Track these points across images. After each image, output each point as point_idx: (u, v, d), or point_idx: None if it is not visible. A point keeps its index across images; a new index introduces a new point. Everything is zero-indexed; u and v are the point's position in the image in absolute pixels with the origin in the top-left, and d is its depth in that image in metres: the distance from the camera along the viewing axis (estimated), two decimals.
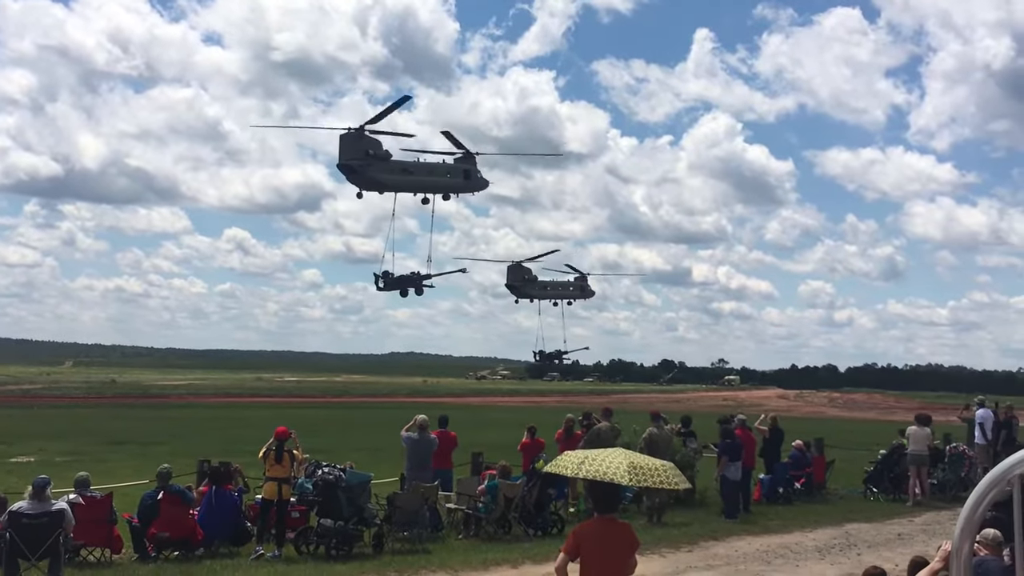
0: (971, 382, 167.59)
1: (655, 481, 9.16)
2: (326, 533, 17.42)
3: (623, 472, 8.79)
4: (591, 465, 8.91)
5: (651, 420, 23.81)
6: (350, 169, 47.74)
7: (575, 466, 9.10)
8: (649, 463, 9.28)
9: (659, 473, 9.21)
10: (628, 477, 8.83)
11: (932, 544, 16.99)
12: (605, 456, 9.18)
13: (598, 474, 8.79)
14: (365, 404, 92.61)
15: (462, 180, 51.46)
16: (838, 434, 40.36)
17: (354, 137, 47.46)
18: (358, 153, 47.50)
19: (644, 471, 9.04)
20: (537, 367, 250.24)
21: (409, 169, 49.43)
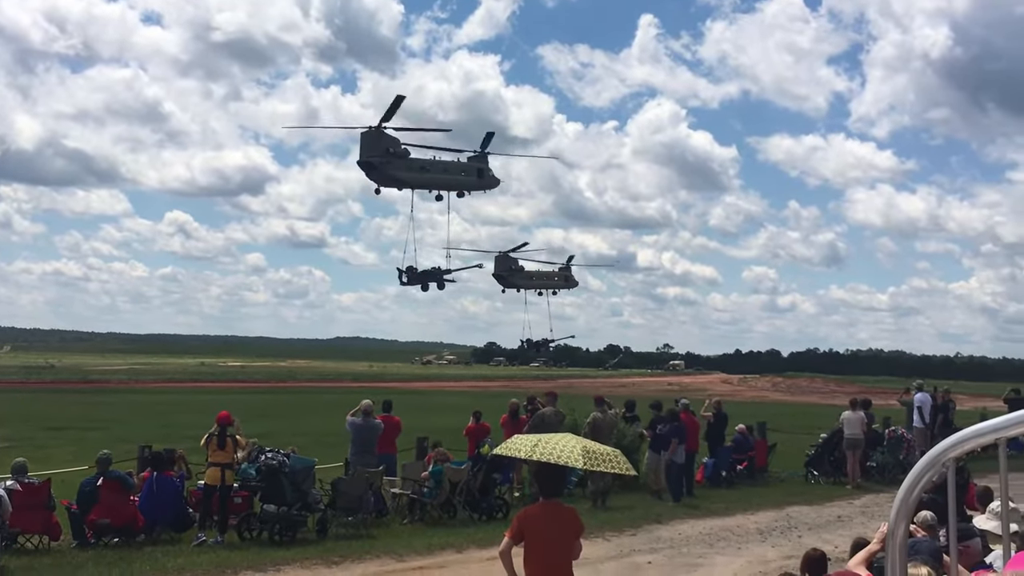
0: (910, 366, 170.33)
1: (608, 466, 9.21)
2: (269, 519, 17.31)
3: (577, 455, 8.83)
4: (544, 448, 8.94)
5: (595, 405, 23.91)
6: (370, 166, 49.28)
7: (528, 448, 9.11)
8: (600, 448, 9.35)
9: (611, 458, 9.27)
10: (583, 461, 8.87)
11: (871, 526, 17.29)
12: (558, 440, 9.22)
13: (551, 457, 8.82)
14: (310, 389, 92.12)
15: (476, 178, 53.31)
16: (780, 418, 40.85)
17: (375, 135, 48.86)
18: (378, 151, 48.97)
19: (597, 456, 9.10)
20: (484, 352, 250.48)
21: (426, 167, 51.13)
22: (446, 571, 15.46)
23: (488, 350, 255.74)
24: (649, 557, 16.71)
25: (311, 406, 59.43)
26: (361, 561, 15.96)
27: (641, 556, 16.82)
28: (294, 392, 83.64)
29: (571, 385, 77.92)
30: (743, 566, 16.11)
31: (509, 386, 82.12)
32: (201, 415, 31.06)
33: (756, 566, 16.02)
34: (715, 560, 16.64)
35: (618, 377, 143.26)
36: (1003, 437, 3.25)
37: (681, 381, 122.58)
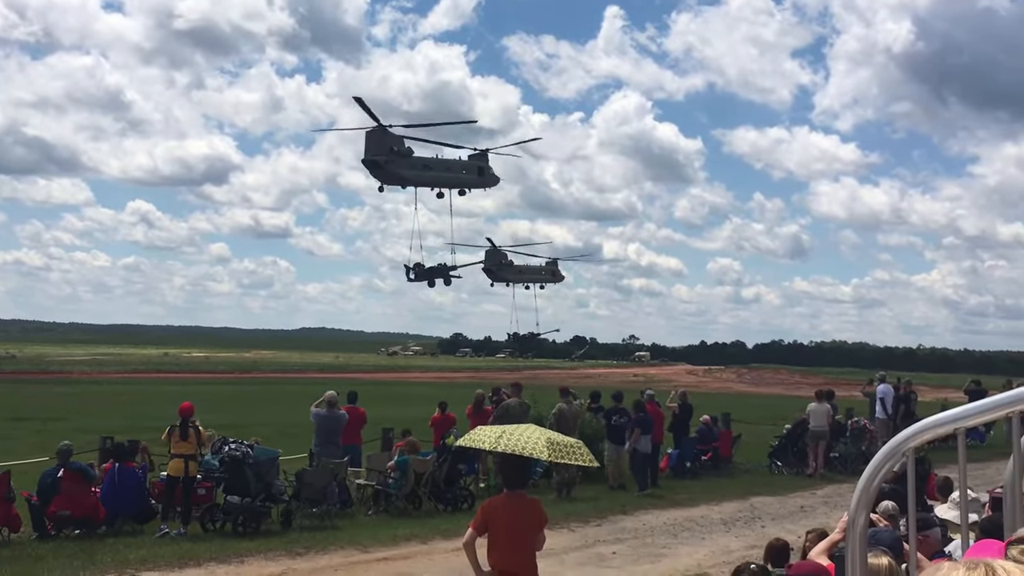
0: (873, 358, 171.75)
1: (572, 457, 9.23)
2: (233, 510, 17.22)
3: (542, 447, 8.84)
4: (509, 439, 8.94)
5: (560, 396, 23.96)
6: (375, 165, 50.19)
7: (493, 440, 9.12)
8: (565, 439, 9.37)
9: (574, 450, 9.28)
10: (547, 452, 8.88)
11: (833, 516, 17.40)
12: (523, 431, 9.22)
13: (516, 448, 8.82)
14: (275, 380, 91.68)
15: (476, 176, 54.43)
16: (745, 409, 41.06)
17: (379, 134, 49.92)
18: (383, 150, 49.98)
19: (561, 447, 9.11)
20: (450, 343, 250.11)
21: (429, 165, 52.30)
22: (411, 562, 15.44)
23: (454, 341, 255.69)
24: (614, 547, 16.78)
25: (275, 397, 59.13)
26: (325, 552, 15.91)
27: (606, 546, 16.87)
28: (258, 383, 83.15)
29: (536, 376, 77.93)
30: (707, 556, 16.20)
31: (475, 377, 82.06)
32: (164, 406, 30.82)
33: (720, 556, 16.11)
34: (679, 550, 16.73)
35: (584, 368, 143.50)
36: (962, 427, 3.28)
37: (647, 372, 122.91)
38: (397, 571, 14.83)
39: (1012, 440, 3.37)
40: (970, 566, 1.71)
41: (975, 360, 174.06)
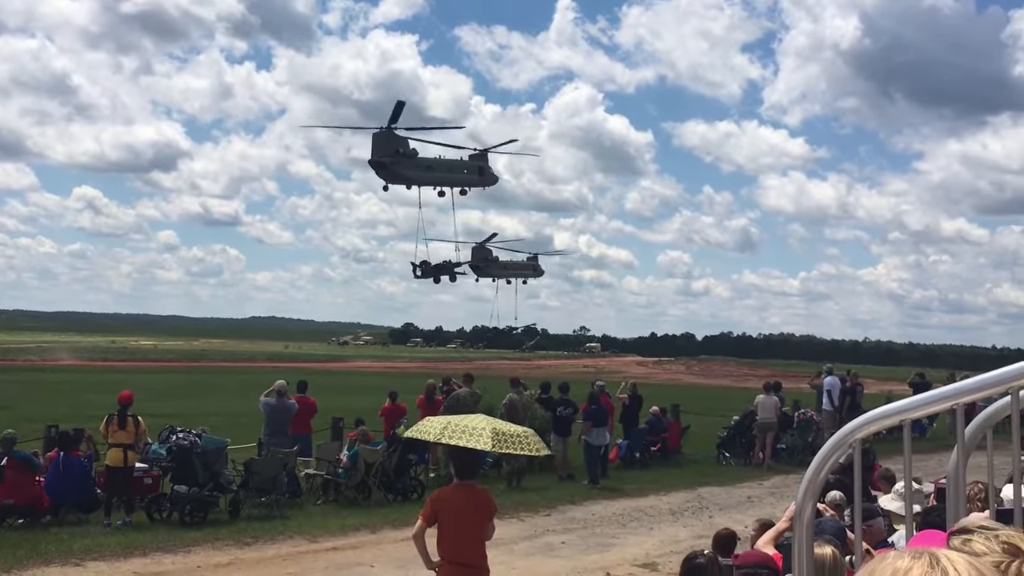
0: (820, 351, 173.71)
1: (517, 448, 9.24)
2: (180, 500, 17.06)
3: (486, 438, 8.84)
4: (454, 431, 8.93)
5: (511, 386, 24.01)
6: (381, 165, 52.96)
7: (438, 432, 9.11)
8: (511, 429, 9.36)
9: (521, 440, 9.29)
10: (491, 443, 8.88)
11: (780, 506, 17.59)
12: (468, 422, 9.21)
13: (460, 440, 8.82)
14: (224, 369, 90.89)
15: (477, 176, 57.19)
16: (694, 401, 41.38)
17: (385, 136, 52.68)
18: (389, 151, 52.77)
19: (507, 437, 9.11)
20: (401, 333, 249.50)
21: (432, 166, 55.22)
22: (360, 552, 15.41)
23: (405, 331, 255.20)
24: (563, 537, 16.85)
25: (224, 386, 58.65)
26: (274, 542, 15.83)
27: (555, 536, 16.95)
28: (207, 372, 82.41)
29: (488, 367, 77.94)
30: (655, 546, 16.33)
31: (426, 367, 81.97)
32: (110, 394, 30.36)
33: (668, 546, 16.24)
34: (627, 540, 16.84)
35: (535, 359, 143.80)
36: (907, 419, 3.33)
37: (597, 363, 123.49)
38: (346, 561, 14.80)
39: (956, 432, 3.42)
40: (915, 555, 1.74)
41: (919, 353, 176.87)
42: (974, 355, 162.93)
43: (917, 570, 1.68)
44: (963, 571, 1.68)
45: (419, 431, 9.59)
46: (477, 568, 8.79)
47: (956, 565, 1.69)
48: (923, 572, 1.66)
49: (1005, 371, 3.13)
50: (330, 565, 14.52)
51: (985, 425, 3.64)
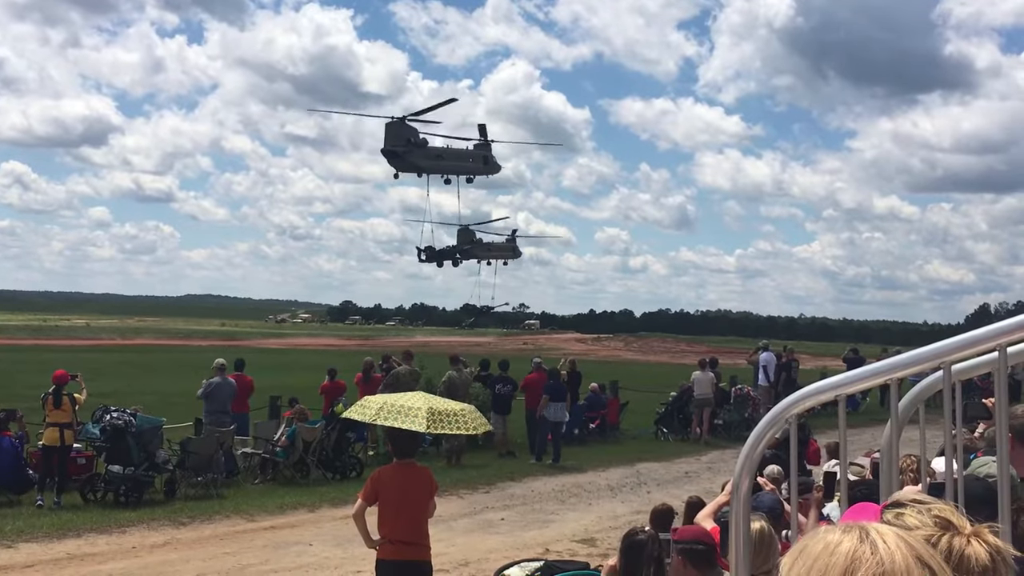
0: (756, 327, 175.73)
1: (453, 427, 9.21)
2: (114, 480, 16.84)
3: (421, 420, 8.80)
4: (389, 412, 8.88)
5: (451, 363, 23.98)
6: (394, 154, 56.46)
7: (374, 412, 9.05)
8: (448, 407, 9.31)
9: (457, 419, 9.26)
10: (426, 425, 8.84)
11: (717, 481, 17.78)
12: (404, 401, 9.15)
13: (395, 422, 8.78)
14: (159, 347, 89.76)
15: (482, 164, 61.30)
16: (632, 377, 41.66)
17: (398, 126, 56.10)
18: (401, 140, 56.20)
19: (443, 417, 9.07)
20: (339, 311, 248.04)
21: (442, 155, 59.23)
22: (299, 531, 15.33)
23: (344, 309, 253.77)
24: (502, 514, 16.90)
25: (159, 365, 57.95)
26: (211, 522, 15.70)
27: (494, 513, 17.00)
28: (141, 351, 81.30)
29: (427, 344, 77.76)
30: (594, 521, 16.43)
31: (365, 345, 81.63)
32: (42, 374, 29.88)
33: (607, 521, 16.36)
34: (567, 516, 16.93)
35: (474, 336, 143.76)
36: (842, 394, 3.36)
37: (536, 340, 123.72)
38: (284, 539, 14.71)
39: (891, 406, 3.46)
40: (845, 529, 1.76)
41: (853, 329, 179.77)
42: (906, 331, 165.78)
43: (847, 543, 1.69)
44: (892, 544, 1.69)
45: (357, 411, 9.53)
46: (418, 546, 8.77)
47: (885, 538, 1.71)
48: (852, 545, 1.68)
49: (937, 346, 3.16)
50: (268, 544, 14.43)
51: (918, 400, 3.69)
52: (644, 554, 6.74)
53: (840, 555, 1.68)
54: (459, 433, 9.79)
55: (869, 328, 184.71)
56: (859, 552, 1.67)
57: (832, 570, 1.66)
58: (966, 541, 2.15)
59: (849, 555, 1.67)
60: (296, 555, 13.75)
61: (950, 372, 3.19)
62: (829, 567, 1.66)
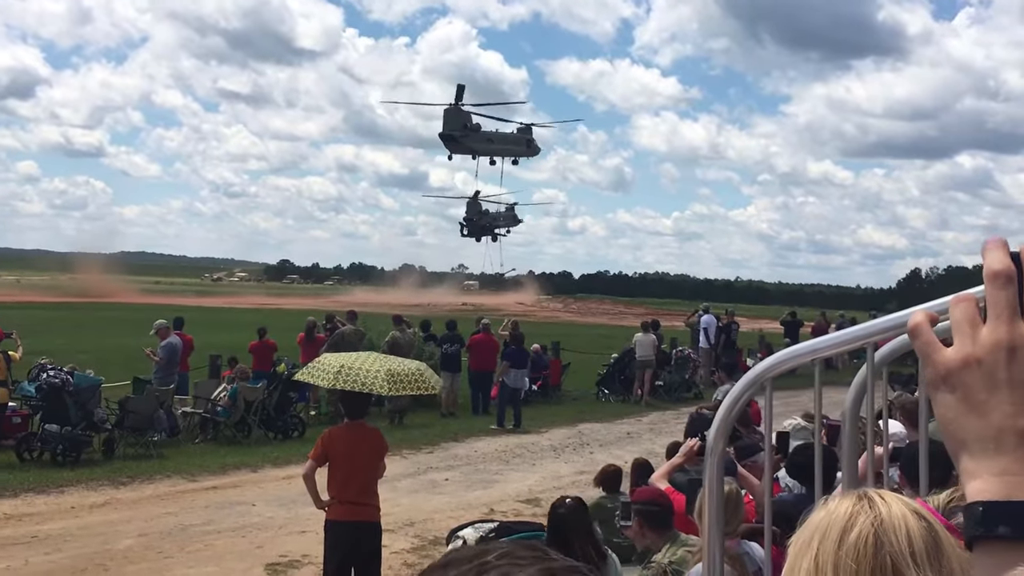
0: (693, 289, 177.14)
1: (414, 388, 9.15)
2: (51, 439, 16.53)
3: (382, 381, 8.72)
4: (348, 375, 8.78)
5: (394, 324, 23.89)
6: (451, 138, 63.33)
7: (331, 377, 8.94)
8: (405, 368, 9.20)
9: (416, 379, 9.18)
10: (387, 387, 8.77)
11: (658, 442, 18.01)
12: (362, 363, 9.04)
13: (356, 386, 8.69)
14: (92, 305, 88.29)
15: (525, 148, 67.81)
16: (572, 338, 41.80)
17: (454, 112, 63.02)
18: (458, 125, 62.93)
19: (402, 378, 8.99)
20: (276, 269, 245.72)
21: (492, 139, 65.94)
22: (241, 491, 15.22)
23: (281, 268, 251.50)
24: (446, 474, 16.93)
25: (93, 323, 57.03)
26: (151, 481, 15.53)
27: (438, 473, 17.02)
28: (74, 308, 79.92)
29: (367, 303, 77.39)
30: (537, 481, 16.52)
31: (303, 304, 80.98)
32: None
33: (550, 481, 16.45)
34: (510, 476, 17.00)
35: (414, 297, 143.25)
36: (819, 357, 3.35)
37: (475, 301, 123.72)
38: (227, 499, 14.59)
39: (867, 371, 3.45)
40: (846, 494, 1.81)
41: (789, 292, 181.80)
42: (840, 294, 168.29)
43: (846, 503, 1.75)
44: (889, 499, 1.75)
45: (312, 375, 9.40)
46: (368, 507, 8.73)
47: (883, 495, 1.77)
48: (851, 504, 1.75)
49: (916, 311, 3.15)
50: (210, 504, 14.30)
51: (882, 363, 3.69)
52: (567, 526, 6.69)
53: (840, 512, 1.74)
54: (419, 393, 9.71)
55: (804, 292, 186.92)
56: (857, 508, 1.74)
57: (833, 527, 1.72)
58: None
59: (848, 511, 1.74)
60: (239, 515, 13.64)
61: None
62: (830, 525, 1.73)
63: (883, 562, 1.66)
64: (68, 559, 11.40)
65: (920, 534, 1.69)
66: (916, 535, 1.69)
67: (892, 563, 1.66)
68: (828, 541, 1.71)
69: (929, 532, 1.70)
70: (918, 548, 1.67)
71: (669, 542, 6.30)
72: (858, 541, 1.69)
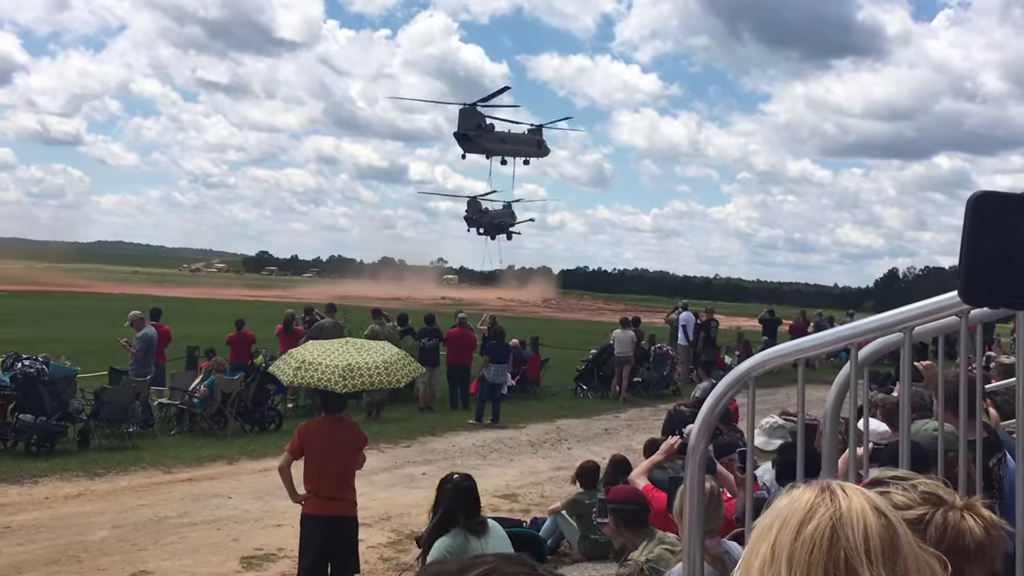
0: (672, 286, 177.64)
1: (370, 383, 9.04)
2: (26, 429, 16.40)
3: (336, 378, 8.63)
4: (306, 372, 8.71)
5: (373, 317, 23.82)
6: (466, 138, 65.55)
7: (292, 372, 8.88)
8: (366, 361, 9.04)
9: (376, 374, 9.06)
10: (341, 383, 8.67)
11: (636, 438, 18.02)
12: (322, 360, 8.91)
13: (312, 381, 8.63)
14: (68, 294, 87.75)
15: (536, 148, 70.63)
16: (551, 334, 41.80)
17: (470, 112, 65.28)
18: (472, 125, 65.02)
19: (359, 373, 8.86)
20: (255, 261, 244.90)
21: (505, 140, 68.05)
22: (217, 483, 15.14)
23: (260, 259, 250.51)
24: (423, 468, 16.87)
25: (69, 312, 56.64)
26: (126, 473, 15.43)
27: (415, 467, 16.97)
28: (50, 297, 79.39)
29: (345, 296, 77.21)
30: (515, 477, 16.50)
31: (282, 296, 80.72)
32: None
33: (528, 476, 16.44)
34: (488, 471, 16.93)
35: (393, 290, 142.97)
36: (802, 358, 3.35)
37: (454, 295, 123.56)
38: (203, 492, 14.51)
39: (851, 371, 3.45)
40: (810, 485, 1.82)
41: (767, 290, 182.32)
42: (818, 293, 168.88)
43: (808, 495, 1.76)
44: (850, 492, 1.75)
45: (277, 367, 9.35)
46: (344, 501, 8.69)
47: (845, 488, 1.77)
48: (813, 496, 1.75)
49: (902, 311, 3.16)
50: (186, 496, 14.22)
51: (864, 364, 3.68)
52: (451, 497, 6.89)
53: (802, 503, 1.75)
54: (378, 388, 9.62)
55: (783, 290, 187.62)
56: (819, 500, 1.74)
57: (792, 517, 1.73)
58: (959, 516, 2.15)
59: (809, 502, 1.74)
60: (215, 508, 13.56)
61: (911, 336, 3.19)
62: (791, 514, 1.74)
63: (837, 556, 1.66)
64: (41, 550, 11.31)
65: (877, 531, 1.69)
66: (873, 532, 1.68)
67: (846, 558, 1.66)
68: (786, 531, 1.72)
69: (887, 530, 1.70)
70: (873, 545, 1.67)
71: (646, 540, 6.29)
72: (814, 534, 1.69)
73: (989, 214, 1.21)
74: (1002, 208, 1.29)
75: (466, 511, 6.93)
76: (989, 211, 1.22)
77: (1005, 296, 1.27)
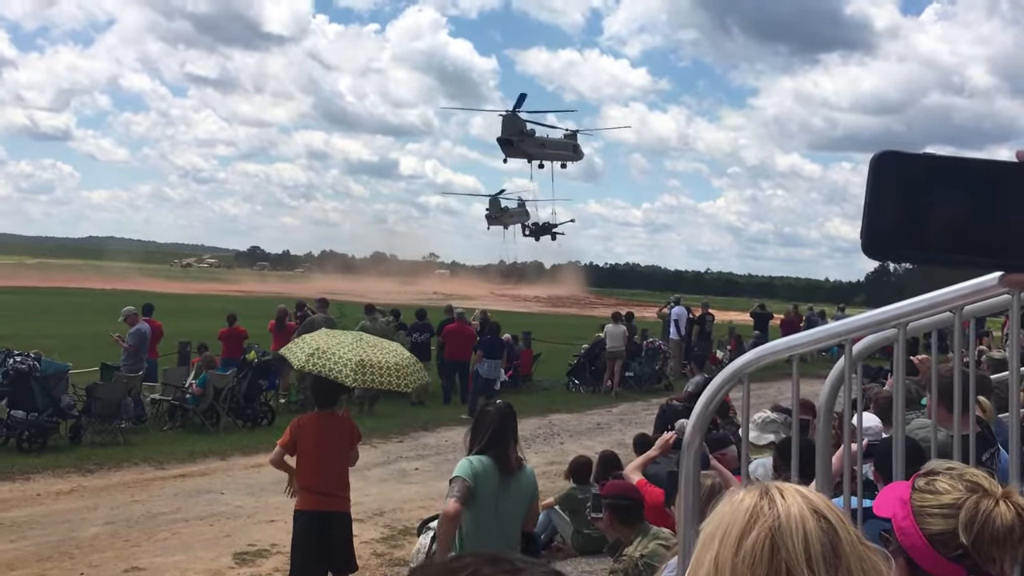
0: (664, 281, 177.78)
1: (380, 382, 9.04)
2: (17, 425, 16.37)
3: (349, 372, 8.63)
4: (319, 359, 8.70)
5: (365, 312, 23.80)
6: (509, 143, 67.39)
7: (304, 358, 8.87)
8: (381, 360, 9.04)
9: (387, 374, 9.05)
10: (352, 378, 8.67)
11: (628, 433, 18.04)
12: (336, 351, 8.91)
13: (323, 370, 8.62)
14: (60, 290, 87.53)
15: (572, 152, 73.48)
16: (543, 328, 41.80)
17: (512, 118, 67.29)
18: (515, 131, 66.94)
19: (371, 370, 8.86)
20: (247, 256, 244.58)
21: (545, 144, 70.35)
22: (209, 479, 15.13)
23: (252, 254, 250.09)
24: (416, 463, 16.90)
25: (60, 308, 56.50)
26: (119, 469, 15.41)
27: (408, 463, 16.98)
28: (42, 293, 79.19)
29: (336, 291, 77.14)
30: None
31: (274, 291, 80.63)
32: None
33: None
34: None
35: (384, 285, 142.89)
36: (796, 354, 3.36)
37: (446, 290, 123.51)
38: (195, 487, 14.50)
39: (845, 367, 3.46)
40: (750, 487, 1.84)
41: (758, 285, 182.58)
42: (808, 287, 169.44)
43: (748, 500, 1.77)
44: (789, 498, 1.76)
45: (290, 351, 9.35)
46: (337, 497, 8.67)
47: (784, 493, 1.78)
48: (753, 501, 1.76)
49: (898, 307, 3.17)
50: (179, 492, 14.21)
51: (857, 359, 3.70)
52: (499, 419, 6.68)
53: (741, 511, 1.76)
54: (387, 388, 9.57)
55: (774, 284, 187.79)
56: (758, 507, 1.75)
57: (734, 525, 1.74)
58: (994, 503, 2.22)
59: (749, 510, 1.75)
60: (207, 503, 13.55)
61: (905, 332, 3.20)
62: (732, 523, 1.75)
63: (778, 567, 1.68)
64: (33, 546, 11.30)
65: (817, 536, 1.70)
66: (813, 538, 1.69)
67: (787, 568, 1.67)
68: (727, 544, 1.73)
69: (827, 534, 1.71)
70: (814, 552, 1.68)
71: (640, 535, 6.31)
72: (754, 548, 1.70)
73: (891, 172, 1.30)
74: (903, 167, 1.37)
75: (513, 437, 6.64)
76: (891, 169, 1.31)
77: (905, 250, 1.34)
